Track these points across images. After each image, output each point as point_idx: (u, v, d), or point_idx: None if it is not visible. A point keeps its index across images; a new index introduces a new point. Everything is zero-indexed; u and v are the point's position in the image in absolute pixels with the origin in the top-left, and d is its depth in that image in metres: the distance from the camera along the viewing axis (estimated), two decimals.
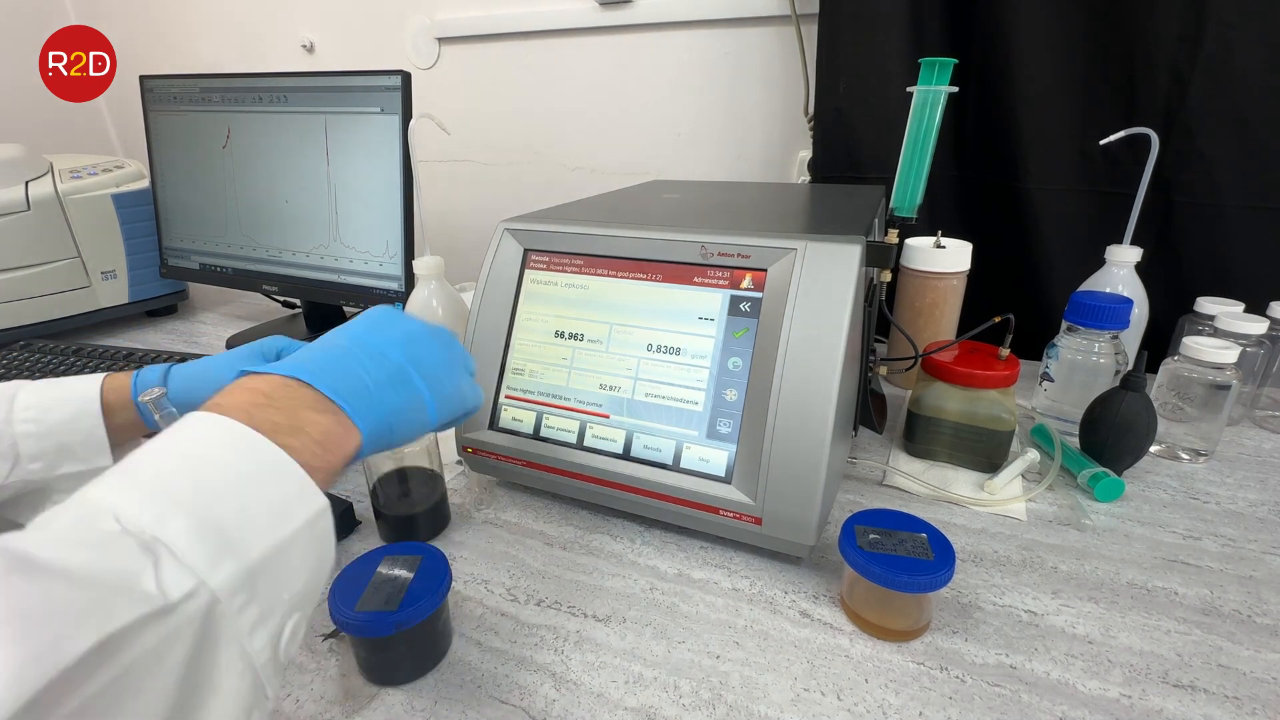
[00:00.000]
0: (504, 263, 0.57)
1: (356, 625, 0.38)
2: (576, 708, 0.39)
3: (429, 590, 0.40)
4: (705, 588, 0.48)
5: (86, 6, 1.55)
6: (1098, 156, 0.76)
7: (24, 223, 0.94)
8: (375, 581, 0.41)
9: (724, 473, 0.48)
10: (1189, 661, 0.41)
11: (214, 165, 0.96)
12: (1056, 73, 0.75)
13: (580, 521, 0.56)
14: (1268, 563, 0.50)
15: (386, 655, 0.41)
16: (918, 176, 0.60)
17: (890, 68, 0.82)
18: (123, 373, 0.48)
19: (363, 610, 0.38)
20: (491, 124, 1.21)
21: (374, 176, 0.84)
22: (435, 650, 0.42)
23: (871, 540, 0.44)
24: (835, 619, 0.45)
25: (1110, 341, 0.64)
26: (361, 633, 0.38)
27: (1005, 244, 0.83)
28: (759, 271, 0.49)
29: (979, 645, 0.43)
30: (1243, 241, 0.73)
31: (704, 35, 1.00)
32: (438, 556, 0.43)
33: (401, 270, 0.85)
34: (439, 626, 0.42)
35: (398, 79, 0.80)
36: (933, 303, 0.74)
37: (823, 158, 0.91)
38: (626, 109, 1.10)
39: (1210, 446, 0.63)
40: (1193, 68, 0.69)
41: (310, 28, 1.30)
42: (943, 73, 0.56)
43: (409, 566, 0.42)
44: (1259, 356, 0.66)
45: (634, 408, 0.51)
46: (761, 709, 0.39)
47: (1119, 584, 0.48)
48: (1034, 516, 0.56)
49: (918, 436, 0.64)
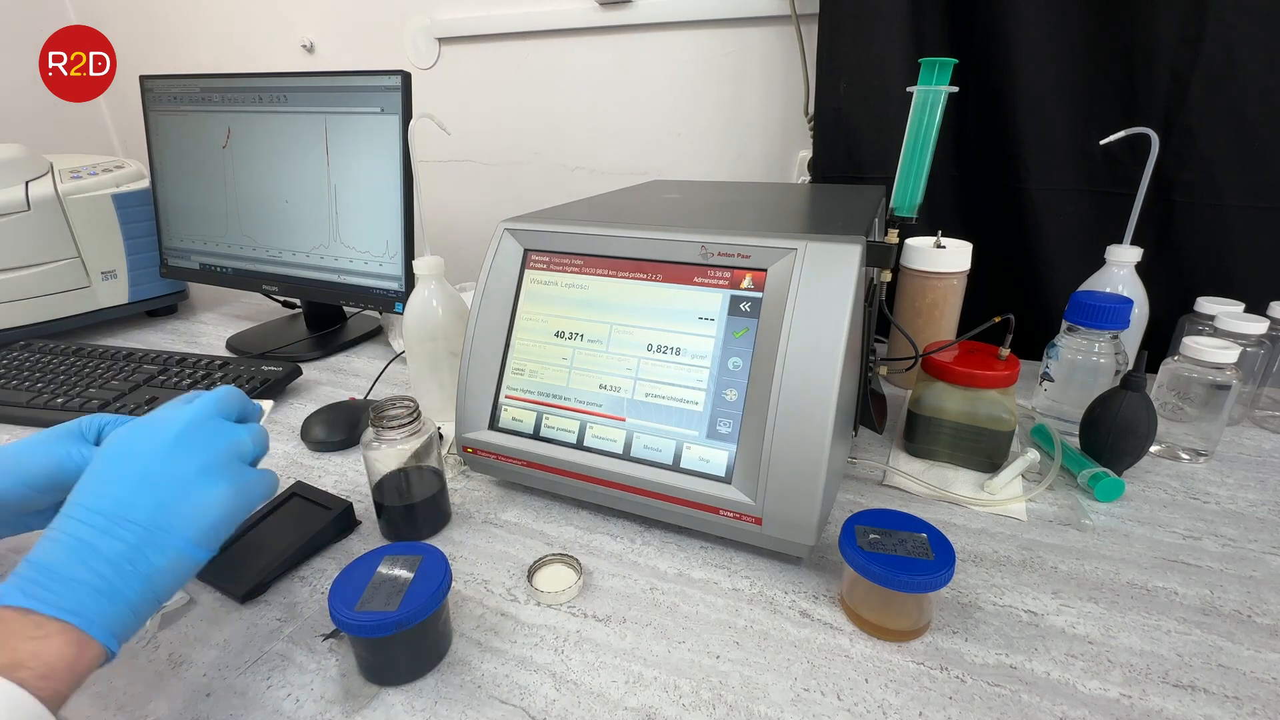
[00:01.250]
0: (504, 263, 0.57)
1: (356, 626, 0.38)
2: (576, 708, 0.39)
3: (429, 590, 0.40)
4: (705, 588, 0.48)
5: (86, 6, 1.55)
6: (1098, 156, 0.76)
7: (24, 223, 0.94)
8: (375, 582, 0.41)
9: (724, 473, 0.48)
10: (1189, 661, 0.41)
11: (214, 165, 0.97)
12: (1057, 73, 0.75)
13: (580, 521, 0.56)
14: (1268, 563, 0.50)
15: (387, 655, 0.40)
16: (918, 176, 0.60)
17: (890, 67, 0.82)
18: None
19: (363, 611, 0.38)
20: (491, 124, 1.21)
21: (374, 176, 0.84)
22: (435, 650, 0.42)
23: (871, 540, 0.44)
24: (835, 619, 0.45)
25: (1110, 341, 0.64)
26: (361, 633, 0.38)
27: (1005, 244, 0.83)
28: (759, 271, 0.49)
29: (979, 645, 0.43)
30: (1243, 241, 0.73)
31: (704, 35, 1.00)
32: (438, 556, 0.43)
33: (401, 270, 0.85)
34: (439, 627, 0.42)
35: (398, 79, 0.81)
36: (933, 303, 0.74)
37: (823, 158, 0.91)
38: (626, 109, 1.10)
39: (1210, 446, 0.63)
40: (1193, 68, 0.69)
41: (310, 28, 1.30)
42: (943, 73, 0.56)
43: (409, 566, 0.42)
44: (1259, 356, 0.66)
45: (634, 408, 0.51)
46: (761, 709, 0.39)
47: (1119, 584, 0.48)
48: (1034, 516, 0.56)
49: (918, 436, 0.64)
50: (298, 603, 0.48)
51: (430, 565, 0.42)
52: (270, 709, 0.39)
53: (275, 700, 0.40)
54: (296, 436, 0.71)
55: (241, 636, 0.45)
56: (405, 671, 0.41)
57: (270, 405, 0.50)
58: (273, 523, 0.54)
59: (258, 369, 0.81)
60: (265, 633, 0.45)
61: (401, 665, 0.41)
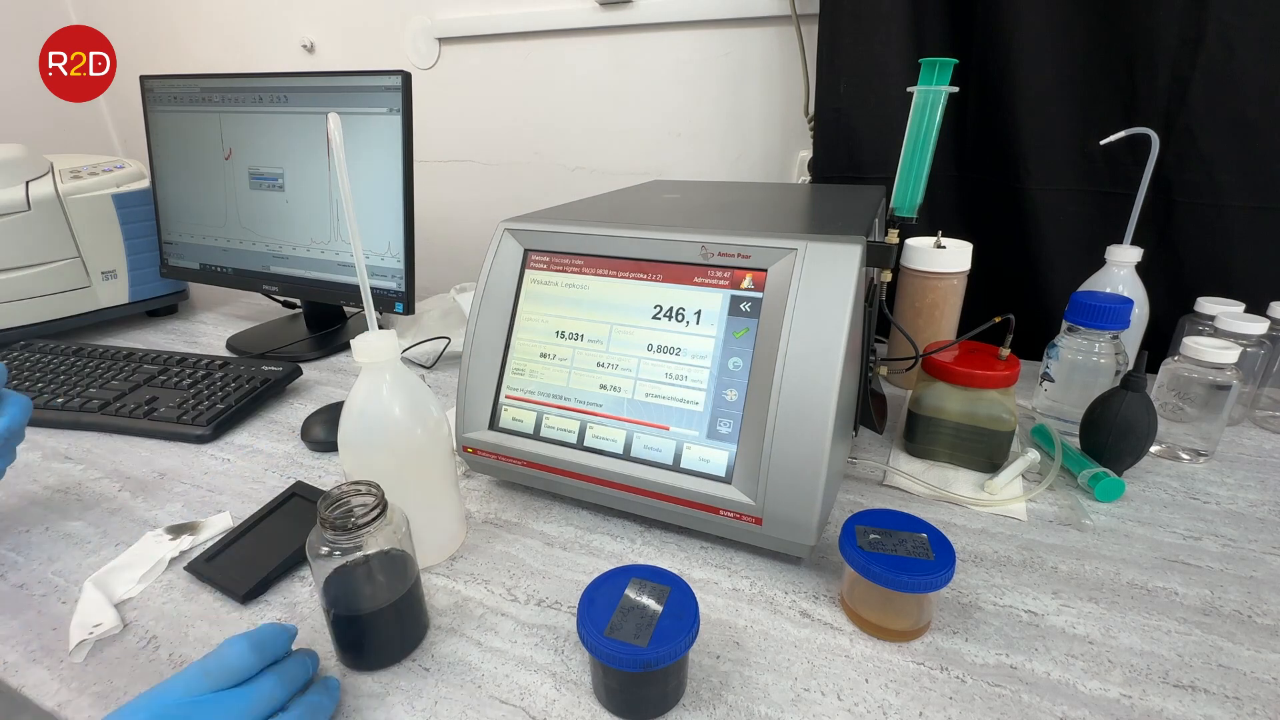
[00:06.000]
0: (504, 263, 0.57)
1: (608, 655, 0.36)
2: (577, 708, 0.39)
3: (680, 631, 0.37)
4: (705, 588, 0.48)
5: (86, 6, 1.55)
6: (1098, 157, 0.76)
7: (24, 223, 0.94)
8: (624, 605, 0.38)
9: (724, 473, 0.48)
10: (1189, 662, 0.41)
11: (214, 165, 0.97)
12: (1057, 73, 0.75)
13: (580, 521, 0.56)
14: (1268, 563, 0.50)
15: (635, 691, 0.38)
16: (918, 176, 0.60)
17: (890, 68, 0.82)
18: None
19: (613, 638, 0.36)
20: (491, 124, 1.21)
21: (374, 177, 0.84)
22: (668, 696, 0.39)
23: (872, 540, 0.44)
24: (835, 619, 0.45)
25: (1110, 341, 0.64)
26: (613, 664, 0.36)
27: (1005, 244, 0.83)
28: (759, 271, 0.49)
29: (979, 645, 0.43)
30: (1243, 241, 0.73)
31: (704, 35, 1.00)
32: (685, 590, 0.40)
33: (402, 270, 0.85)
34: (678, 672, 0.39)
35: (398, 79, 0.81)
36: (933, 303, 0.74)
37: (823, 158, 0.90)
38: (627, 109, 1.10)
39: (1210, 446, 0.63)
40: (1193, 68, 0.69)
41: (310, 28, 1.30)
42: (943, 73, 0.56)
43: (657, 598, 0.39)
44: (1259, 357, 0.66)
45: (634, 408, 0.51)
46: (761, 709, 0.39)
47: (1119, 584, 0.48)
48: (1034, 516, 0.56)
49: (918, 436, 0.64)
50: (298, 603, 0.48)
51: (679, 600, 0.39)
52: None
53: None
54: (296, 436, 0.71)
55: None
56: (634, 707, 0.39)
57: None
58: (273, 523, 0.54)
59: (258, 369, 0.81)
60: None
61: (634, 701, 0.39)
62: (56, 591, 0.49)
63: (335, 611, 0.41)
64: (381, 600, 0.41)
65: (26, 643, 0.45)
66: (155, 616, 0.47)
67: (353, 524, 0.39)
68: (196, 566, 0.50)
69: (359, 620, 0.41)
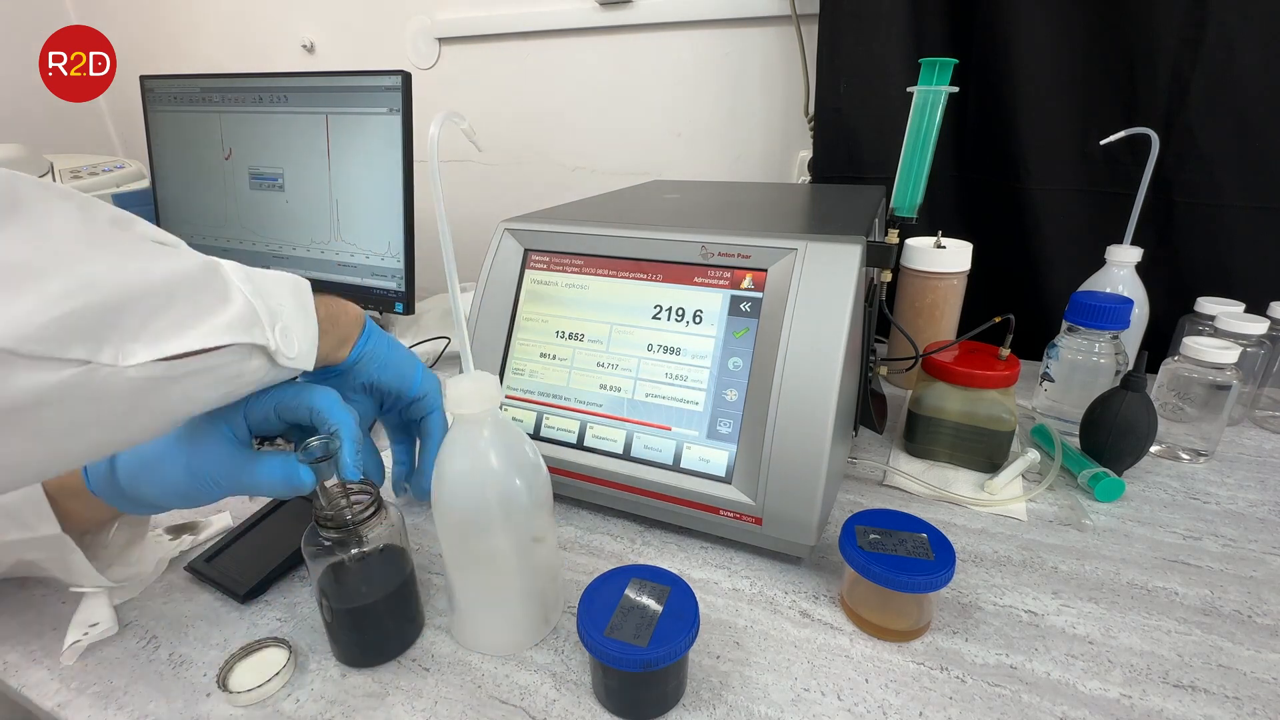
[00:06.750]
0: (504, 263, 0.57)
1: (607, 655, 0.36)
2: (577, 707, 0.39)
3: (680, 631, 0.37)
4: (705, 588, 0.48)
5: (86, 6, 1.55)
6: (1098, 156, 0.76)
7: None
8: (624, 606, 0.38)
9: (724, 473, 0.48)
10: (1189, 662, 0.41)
11: (214, 165, 0.97)
12: (1057, 73, 0.75)
13: (580, 521, 0.56)
14: (1268, 563, 0.50)
15: (634, 691, 0.38)
16: (918, 176, 0.60)
17: (890, 67, 0.82)
18: None
19: (612, 638, 0.36)
20: (491, 124, 1.21)
21: (375, 176, 0.84)
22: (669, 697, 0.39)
23: (872, 540, 0.44)
24: (835, 619, 0.45)
25: (1110, 341, 0.64)
26: (612, 664, 0.36)
27: (1005, 244, 0.83)
28: (759, 271, 0.49)
29: (979, 645, 0.43)
30: (1243, 241, 0.73)
31: (704, 35, 1.00)
32: (686, 590, 0.40)
33: (402, 270, 0.85)
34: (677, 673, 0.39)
35: (398, 79, 0.81)
36: (933, 303, 0.74)
37: (823, 158, 0.90)
38: (626, 109, 1.10)
39: (1210, 447, 0.63)
40: (1193, 68, 0.69)
41: (310, 28, 1.30)
42: (943, 73, 0.56)
43: (657, 598, 0.39)
44: (1259, 357, 0.66)
45: (634, 408, 0.51)
46: (761, 709, 0.39)
47: (1119, 584, 0.48)
48: (1034, 516, 0.56)
49: (918, 436, 0.64)
50: (298, 603, 0.48)
51: (679, 600, 0.39)
52: (270, 709, 0.39)
53: (275, 700, 0.40)
54: None
55: (242, 636, 0.45)
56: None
57: None
58: (273, 522, 0.54)
59: None
60: (265, 632, 0.45)
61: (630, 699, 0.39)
62: (56, 592, 0.49)
63: (331, 607, 0.41)
64: (377, 595, 0.41)
65: (26, 643, 0.45)
66: (155, 616, 0.47)
67: (348, 521, 0.39)
68: (196, 566, 0.50)
69: (355, 615, 0.41)
